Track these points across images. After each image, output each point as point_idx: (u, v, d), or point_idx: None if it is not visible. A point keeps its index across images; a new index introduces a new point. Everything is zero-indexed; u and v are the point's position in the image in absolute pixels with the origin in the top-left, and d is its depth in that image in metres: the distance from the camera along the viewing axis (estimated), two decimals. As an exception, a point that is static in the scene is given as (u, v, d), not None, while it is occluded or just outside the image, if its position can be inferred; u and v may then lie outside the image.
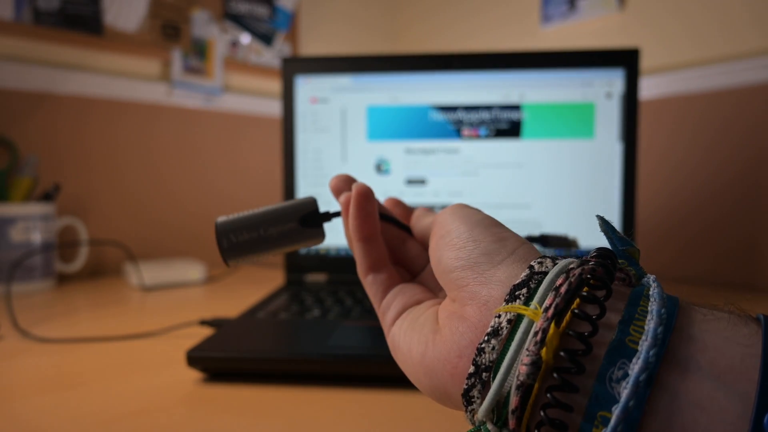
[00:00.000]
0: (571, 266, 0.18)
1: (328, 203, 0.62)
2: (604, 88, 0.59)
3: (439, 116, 0.61)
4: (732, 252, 0.73)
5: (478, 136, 0.60)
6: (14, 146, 0.74)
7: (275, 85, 1.06)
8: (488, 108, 0.60)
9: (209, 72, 0.96)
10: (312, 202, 0.25)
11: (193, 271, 0.76)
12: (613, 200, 0.59)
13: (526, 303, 0.17)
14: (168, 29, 0.90)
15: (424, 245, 0.27)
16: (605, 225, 0.20)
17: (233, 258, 0.24)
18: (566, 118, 0.59)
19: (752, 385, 0.14)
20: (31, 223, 0.69)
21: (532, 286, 0.18)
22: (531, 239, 0.25)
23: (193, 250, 0.95)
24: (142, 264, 0.77)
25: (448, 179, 0.60)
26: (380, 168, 0.61)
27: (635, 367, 0.14)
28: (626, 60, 0.58)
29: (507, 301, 0.18)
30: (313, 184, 0.62)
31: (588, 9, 0.88)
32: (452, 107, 0.60)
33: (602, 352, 0.15)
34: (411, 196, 0.61)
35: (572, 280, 0.17)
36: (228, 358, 0.36)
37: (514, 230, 0.22)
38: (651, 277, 0.18)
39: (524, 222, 0.60)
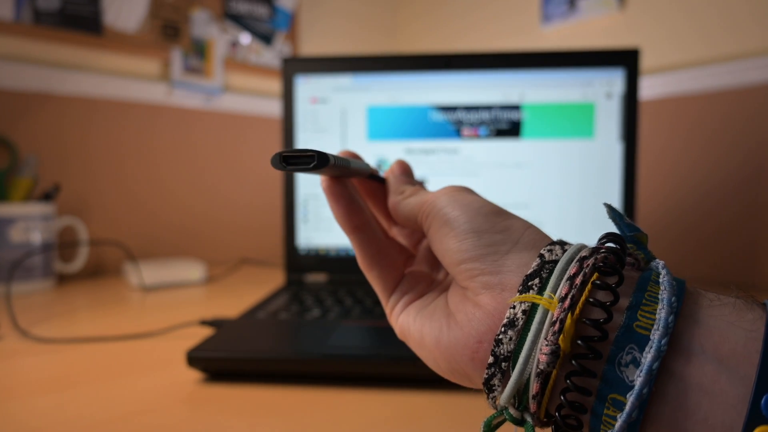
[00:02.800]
0: (583, 254, 0.18)
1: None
2: (604, 88, 0.59)
3: (439, 116, 0.61)
4: (731, 251, 0.73)
5: (478, 136, 0.60)
6: (14, 146, 0.74)
7: (275, 85, 1.06)
8: (488, 108, 0.60)
9: (209, 72, 0.96)
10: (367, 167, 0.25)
11: (193, 271, 0.76)
12: (613, 200, 0.59)
13: (539, 293, 0.17)
14: (168, 29, 0.90)
15: (411, 225, 0.25)
16: (612, 212, 0.20)
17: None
18: (566, 118, 0.59)
19: (753, 368, 0.14)
20: (31, 223, 0.69)
21: (544, 275, 0.18)
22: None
23: (193, 250, 0.95)
24: (141, 264, 0.77)
25: (448, 179, 0.60)
26: (380, 168, 0.61)
27: (648, 356, 0.15)
28: (626, 60, 0.58)
29: (520, 292, 0.18)
30: (313, 184, 0.62)
31: (588, 9, 0.88)
32: (452, 107, 0.60)
33: (612, 336, 0.16)
34: (411, 196, 0.61)
35: (586, 270, 0.17)
36: (228, 358, 0.36)
37: None
38: (660, 263, 0.18)
39: (524, 222, 0.60)
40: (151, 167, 0.91)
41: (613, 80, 0.58)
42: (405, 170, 0.27)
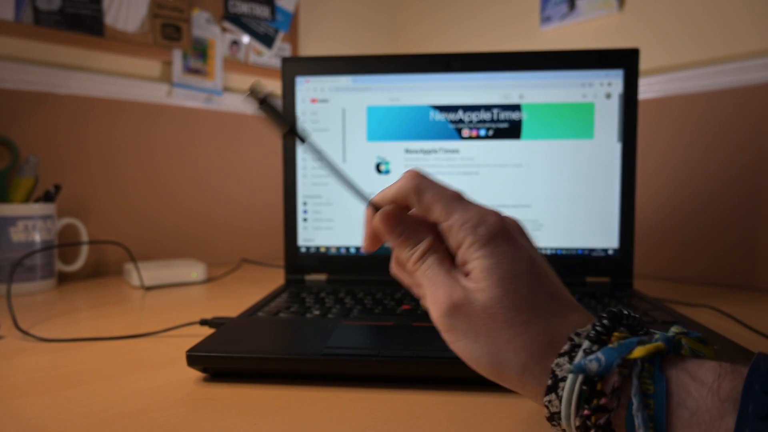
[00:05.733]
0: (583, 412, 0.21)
1: (328, 203, 0.62)
2: (603, 89, 0.59)
3: (439, 117, 0.61)
4: (732, 252, 0.73)
5: (478, 137, 0.60)
6: (15, 146, 0.74)
7: (275, 85, 1.07)
8: (488, 108, 0.60)
9: (210, 72, 0.96)
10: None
11: (193, 271, 0.76)
12: (613, 200, 0.59)
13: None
14: (168, 29, 0.91)
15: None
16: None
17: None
18: (566, 119, 0.59)
19: None
20: (32, 223, 0.69)
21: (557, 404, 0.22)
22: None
23: (193, 250, 0.95)
24: (142, 264, 0.77)
25: (448, 179, 0.61)
26: (380, 168, 0.62)
27: None
28: (626, 60, 0.58)
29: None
30: (313, 183, 0.62)
31: (587, 9, 0.88)
32: (452, 108, 0.61)
33: None
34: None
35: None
36: (228, 357, 0.36)
37: None
38: (634, 399, 0.20)
39: (524, 222, 0.60)
40: (152, 168, 0.91)
41: (613, 81, 0.59)
42: (389, 228, 0.27)
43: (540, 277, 0.24)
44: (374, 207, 0.27)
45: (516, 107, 0.60)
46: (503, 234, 0.24)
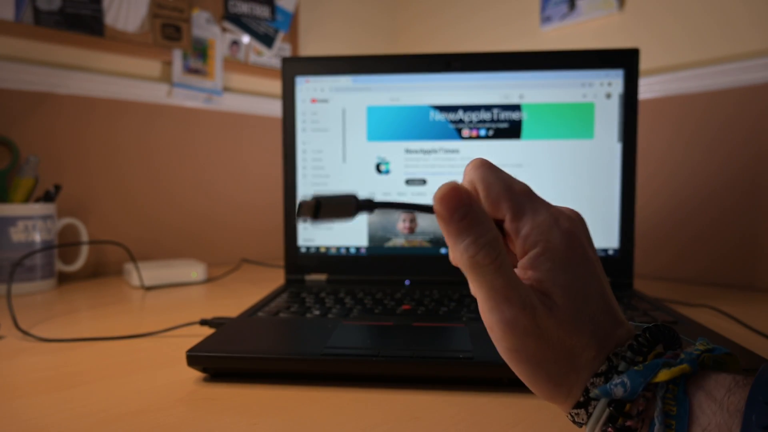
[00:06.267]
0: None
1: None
2: (603, 89, 0.59)
3: (439, 117, 0.61)
4: (732, 252, 0.73)
5: (478, 137, 0.60)
6: (15, 146, 0.74)
7: (275, 85, 1.07)
8: (488, 108, 0.60)
9: (210, 72, 0.96)
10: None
11: (193, 271, 0.76)
12: (613, 200, 0.59)
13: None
14: (168, 29, 0.90)
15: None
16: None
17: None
18: (566, 119, 0.59)
19: None
20: (32, 223, 0.69)
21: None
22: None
23: (193, 250, 0.95)
24: (142, 264, 0.77)
25: (448, 179, 0.60)
26: (380, 168, 0.62)
27: None
28: (626, 60, 0.58)
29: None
30: (313, 183, 0.62)
31: (587, 9, 0.88)
32: (452, 108, 0.60)
33: None
34: (410, 196, 0.61)
35: None
36: (228, 357, 0.36)
37: None
38: (658, 418, 0.20)
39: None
40: (152, 168, 0.91)
41: (613, 81, 0.59)
42: (451, 210, 0.23)
43: (604, 297, 0.23)
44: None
45: (516, 107, 0.60)
46: (577, 245, 0.23)
